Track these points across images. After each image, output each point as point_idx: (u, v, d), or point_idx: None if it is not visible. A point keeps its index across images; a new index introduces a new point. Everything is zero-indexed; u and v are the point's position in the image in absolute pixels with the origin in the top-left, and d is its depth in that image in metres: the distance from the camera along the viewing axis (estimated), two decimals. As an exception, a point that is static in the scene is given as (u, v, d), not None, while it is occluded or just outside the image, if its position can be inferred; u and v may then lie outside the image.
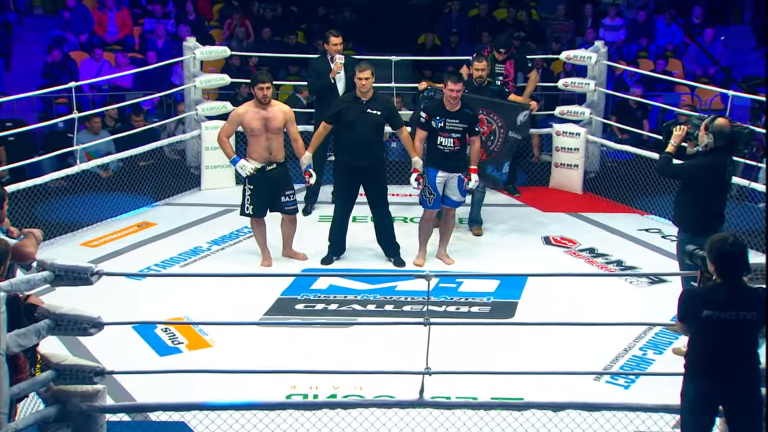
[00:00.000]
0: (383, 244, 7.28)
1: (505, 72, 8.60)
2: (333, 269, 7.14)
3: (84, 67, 11.59)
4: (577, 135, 9.29)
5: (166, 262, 7.24)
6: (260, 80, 6.83)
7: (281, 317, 6.26)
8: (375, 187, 7.09)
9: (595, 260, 7.42)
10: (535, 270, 7.10)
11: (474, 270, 7.11)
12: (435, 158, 6.95)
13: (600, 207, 8.88)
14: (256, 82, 6.85)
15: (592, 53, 9.27)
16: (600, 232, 8.16)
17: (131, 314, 5.77)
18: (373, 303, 6.49)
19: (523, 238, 7.94)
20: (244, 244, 7.65)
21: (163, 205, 8.81)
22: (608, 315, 6.19)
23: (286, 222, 7.18)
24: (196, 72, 9.32)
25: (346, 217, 7.23)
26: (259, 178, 6.93)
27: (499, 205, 8.91)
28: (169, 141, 9.32)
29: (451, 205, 7.11)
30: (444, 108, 6.85)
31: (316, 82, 8.22)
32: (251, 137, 6.92)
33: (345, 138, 7.03)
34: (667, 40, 12.64)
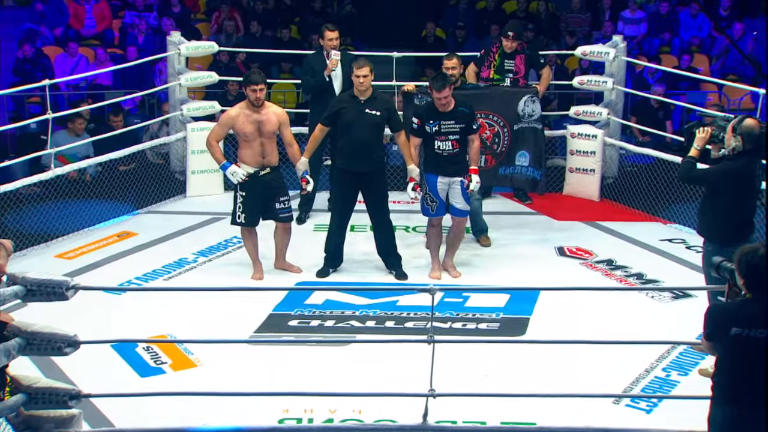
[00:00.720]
0: (384, 255, 7.27)
1: (515, 68, 8.61)
2: (329, 282, 7.14)
3: (59, 63, 11.60)
4: (594, 137, 9.29)
5: (148, 275, 7.23)
6: (253, 81, 6.83)
7: (273, 334, 6.25)
8: (374, 194, 7.09)
9: (614, 273, 7.41)
10: (548, 283, 7.10)
11: (482, 283, 7.10)
12: (434, 164, 6.96)
13: (618, 215, 8.88)
14: (249, 83, 6.84)
15: (609, 48, 9.28)
16: (619, 243, 8.15)
17: (110, 332, 5.76)
18: (372, 319, 6.48)
19: (535, 249, 7.93)
20: (234, 256, 7.64)
21: (145, 213, 8.81)
22: (628, 333, 6.17)
23: (280, 231, 7.17)
24: (181, 69, 9.33)
25: (344, 227, 7.22)
26: (252, 184, 6.93)
27: (509, 213, 8.91)
28: (152, 144, 9.32)
29: (457, 214, 7.10)
30: (436, 110, 6.85)
31: (310, 80, 8.23)
32: (243, 141, 6.92)
33: (342, 141, 7.03)
34: (692, 33, 12.64)
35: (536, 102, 7.96)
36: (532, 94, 7.99)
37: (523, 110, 7.89)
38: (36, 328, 4.37)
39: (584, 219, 8.75)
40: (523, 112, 7.91)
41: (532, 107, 7.95)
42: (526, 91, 8.04)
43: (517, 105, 7.85)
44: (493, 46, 8.77)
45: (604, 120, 9.36)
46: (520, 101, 7.86)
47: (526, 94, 7.97)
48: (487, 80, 8.56)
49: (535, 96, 8.00)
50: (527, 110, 7.93)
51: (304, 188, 7.09)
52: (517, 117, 7.91)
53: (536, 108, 7.97)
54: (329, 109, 7.10)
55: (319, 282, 7.15)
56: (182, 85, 9.31)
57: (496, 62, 8.63)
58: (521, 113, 7.92)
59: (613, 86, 9.27)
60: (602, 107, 9.39)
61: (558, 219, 8.76)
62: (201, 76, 9.54)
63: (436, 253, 7.21)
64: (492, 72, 8.58)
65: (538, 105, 7.97)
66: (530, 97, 7.96)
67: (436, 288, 4.61)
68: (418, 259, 7.48)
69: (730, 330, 4.06)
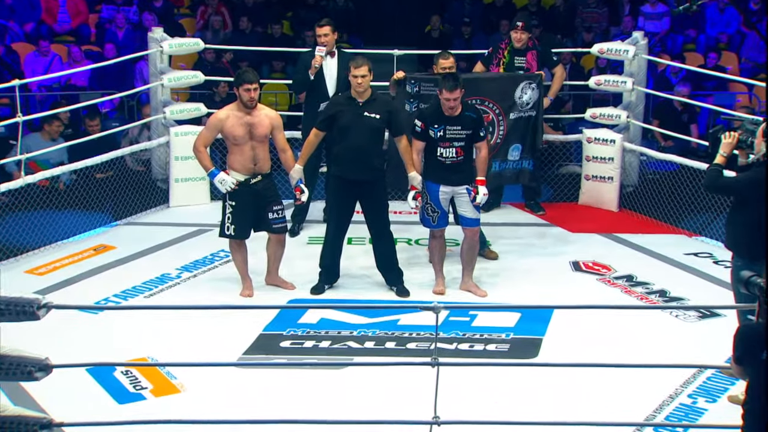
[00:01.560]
0: (384, 270, 7.28)
1: (526, 65, 8.64)
2: (325, 300, 7.14)
3: (29, 62, 11.64)
4: (612, 142, 9.31)
5: (127, 293, 7.24)
6: (247, 80, 6.84)
7: (263, 357, 6.25)
8: (374, 204, 7.10)
9: (634, 290, 7.42)
10: (563, 301, 7.10)
11: (490, 301, 7.11)
12: (436, 172, 6.97)
13: (639, 227, 8.89)
14: (242, 81, 6.84)
15: (629, 46, 9.30)
16: (639, 257, 8.16)
17: (85, 355, 5.74)
18: (371, 340, 6.48)
19: (548, 264, 7.94)
20: (221, 270, 7.65)
21: (124, 224, 8.82)
22: (650, 355, 6.17)
23: (273, 243, 7.18)
24: (163, 68, 9.35)
25: (340, 239, 7.23)
26: (242, 193, 6.94)
27: (520, 224, 8.92)
28: (132, 149, 9.33)
29: (469, 224, 7.11)
30: (442, 113, 6.87)
31: (298, 77, 8.26)
32: (233, 146, 6.93)
33: (339, 146, 7.05)
34: (720, 29, 12.69)
35: (535, 89, 7.98)
36: (531, 80, 8.00)
37: (520, 97, 7.92)
38: (3, 351, 4.37)
39: (601, 231, 8.77)
40: (520, 100, 7.94)
41: (530, 95, 7.98)
42: (525, 77, 8.06)
43: (514, 92, 7.89)
44: (502, 43, 8.80)
45: (623, 123, 9.37)
46: (518, 88, 7.89)
47: (524, 80, 7.98)
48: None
49: (534, 82, 8.02)
50: (524, 98, 7.96)
51: (298, 198, 7.10)
52: (514, 105, 7.94)
53: (534, 96, 8.00)
54: (324, 112, 7.11)
55: (313, 299, 7.15)
56: (165, 86, 9.33)
57: (505, 60, 8.66)
58: (518, 101, 7.95)
59: (633, 87, 9.29)
60: (621, 109, 9.40)
61: (573, 231, 8.77)
62: (185, 76, 9.56)
63: (440, 268, 7.22)
64: (501, 70, 8.61)
65: (536, 92, 7.99)
66: (528, 83, 7.97)
67: (441, 306, 4.61)
68: (420, 275, 7.49)
69: (761, 353, 4.06)
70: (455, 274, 7.36)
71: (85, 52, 11.95)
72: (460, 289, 7.24)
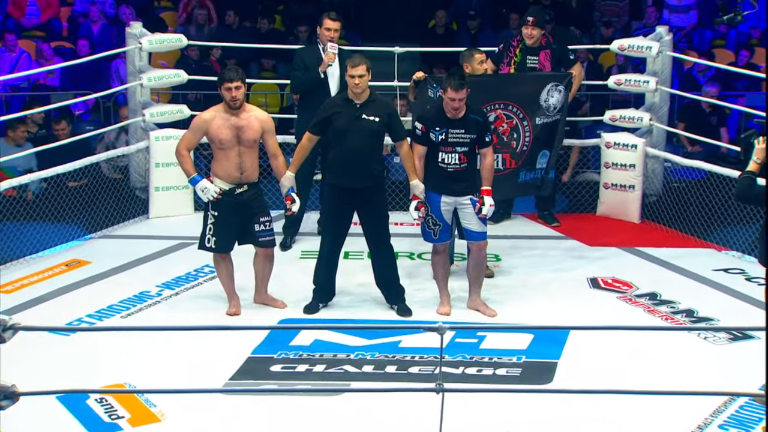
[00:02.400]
0: (383, 287, 7.29)
1: (538, 65, 8.66)
2: (319, 320, 7.14)
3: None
4: (634, 147, 9.32)
5: (102, 312, 7.24)
6: (227, 78, 6.87)
7: (252, 382, 6.24)
8: (373, 214, 7.11)
9: (658, 309, 7.42)
10: (580, 321, 7.11)
11: (500, 321, 7.11)
12: (436, 180, 6.97)
13: (663, 240, 8.90)
14: (223, 80, 6.88)
15: (652, 42, 9.33)
16: (664, 273, 8.16)
17: (56, 381, 5.75)
18: (370, 363, 6.48)
19: (563, 280, 7.95)
20: (205, 288, 7.65)
21: (99, 237, 8.83)
22: (676, 381, 6.17)
23: (260, 258, 7.19)
24: (142, 67, 9.38)
25: (336, 253, 7.24)
26: (226, 203, 6.95)
27: (533, 237, 8.93)
28: (108, 155, 9.35)
29: (474, 238, 7.11)
30: (444, 115, 6.88)
31: (300, 75, 8.27)
32: (218, 150, 6.95)
33: (335, 152, 7.06)
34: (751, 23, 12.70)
35: (562, 92, 7.90)
36: (558, 82, 7.93)
37: (547, 101, 7.87)
38: (-32, 376, 4.37)
39: (622, 244, 8.78)
40: (547, 104, 7.88)
41: (558, 97, 7.90)
42: (552, 78, 8.01)
43: (539, 94, 7.83)
44: (514, 40, 8.82)
45: (646, 127, 9.39)
46: (543, 90, 7.85)
47: (551, 81, 7.92)
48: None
49: (561, 84, 7.94)
50: (551, 101, 7.88)
51: (289, 208, 7.11)
52: (540, 109, 7.87)
53: (561, 98, 7.92)
54: (319, 114, 7.13)
55: (306, 319, 7.16)
56: (144, 86, 9.36)
57: (516, 58, 8.68)
58: (544, 104, 7.89)
59: (657, 87, 9.32)
60: (643, 111, 9.43)
61: (591, 244, 8.79)
62: (166, 75, 9.59)
63: (445, 285, 7.23)
64: (512, 70, 8.62)
65: (563, 94, 7.92)
66: (555, 85, 7.92)
67: (446, 326, 4.61)
68: (424, 292, 7.50)
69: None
70: (461, 293, 7.37)
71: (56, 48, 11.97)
72: (467, 308, 7.25)
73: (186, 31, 11.46)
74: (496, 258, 8.27)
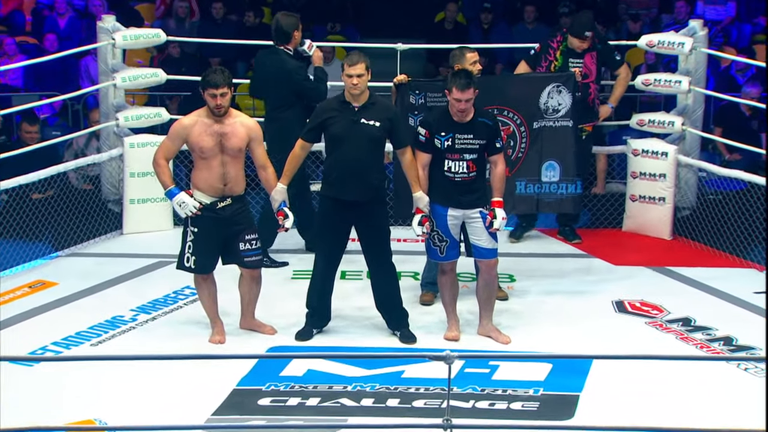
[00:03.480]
0: (384, 310, 7.30)
1: (584, 70, 8.66)
2: (312, 347, 7.15)
3: (-50, 57, 11.72)
4: (664, 155, 9.34)
5: (70, 340, 7.24)
6: (212, 83, 6.85)
7: (238, 418, 6.24)
8: (372, 230, 7.13)
9: (692, 336, 7.43)
10: (604, 349, 7.10)
11: (515, 349, 7.12)
12: (443, 191, 6.99)
13: (697, 259, 8.91)
14: (208, 85, 6.86)
15: (685, 38, 9.35)
16: (698, 296, 8.17)
17: (18, 416, 5.74)
18: (370, 396, 6.48)
19: (586, 303, 7.96)
20: (185, 312, 7.67)
21: (67, 255, 8.85)
22: (713, 417, 6.17)
23: (246, 279, 7.21)
24: (116, 65, 9.41)
25: (332, 273, 7.25)
26: (207, 218, 6.97)
27: (551, 255, 8.95)
28: (77, 164, 9.37)
29: (484, 255, 7.13)
30: (450, 119, 6.91)
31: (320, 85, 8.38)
32: (200, 160, 6.96)
33: (330, 160, 7.09)
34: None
35: (563, 92, 7.95)
36: (559, 83, 8.00)
37: (546, 103, 7.91)
38: None
39: (651, 263, 8.80)
40: (546, 106, 7.92)
41: (558, 99, 7.93)
42: (552, 79, 8.07)
43: (538, 97, 7.89)
44: (553, 41, 8.81)
45: (678, 132, 9.41)
46: (543, 92, 7.90)
47: (551, 83, 7.99)
48: None
49: (562, 84, 8.02)
50: (551, 103, 7.93)
51: (282, 225, 7.11)
52: (538, 112, 7.95)
53: (564, 100, 7.97)
54: (313, 119, 7.15)
55: (298, 347, 7.17)
56: (118, 87, 9.38)
57: (557, 62, 8.68)
58: (543, 107, 7.94)
59: (690, 87, 9.33)
60: (675, 115, 9.44)
61: (616, 263, 8.80)
62: (143, 74, 9.61)
63: (453, 308, 7.24)
64: None
65: (566, 96, 7.96)
66: (555, 86, 7.97)
67: (454, 354, 4.63)
68: (429, 316, 7.53)
69: None
70: (470, 317, 7.40)
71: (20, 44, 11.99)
72: (477, 335, 7.27)
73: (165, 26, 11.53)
74: (510, 279, 8.28)
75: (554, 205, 8.25)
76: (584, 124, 8.83)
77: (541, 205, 8.23)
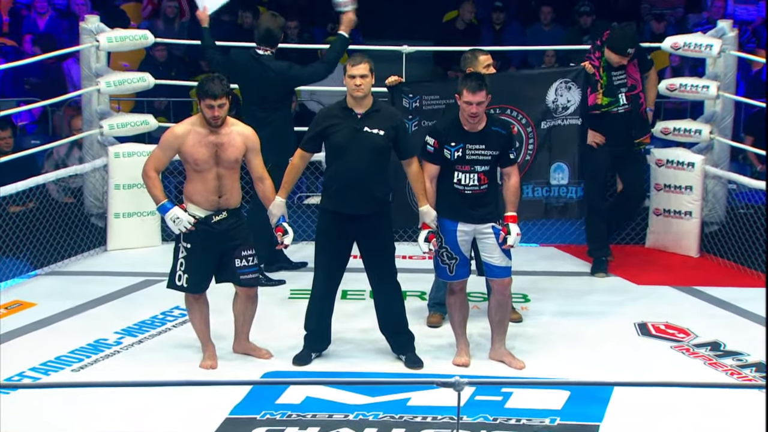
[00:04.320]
0: (389, 333, 7.31)
1: (629, 81, 8.66)
2: (311, 373, 7.15)
3: None
4: (691, 166, 9.35)
5: (50, 365, 7.24)
6: (210, 93, 6.83)
7: (230, 449, 6.27)
8: (376, 246, 7.14)
9: (722, 362, 7.42)
10: (626, 376, 7.10)
11: (529, 375, 7.13)
12: (452, 205, 7.00)
13: (727, 278, 8.91)
14: (205, 95, 6.85)
15: (713, 39, 9.36)
16: (728, 318, 8.17)
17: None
18: (373, 425, 6.49)
19: (606, 326, 7.96)
20: (174, 335, 7.67)
21: (46, 274, 8.86)
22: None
23: (241, 299, 7.21)
24: (100, 69, 9.42)
25: (332, 292, 7.26)
26: (201, 233, 6.97)
27: (568, 273, 8.96)
28: (58, 175, 9.38)
29: (497, 274, 7.13)
30: (461, 128, 6.93)
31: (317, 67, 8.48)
32: (194, 172, 6.96)
33: (331, 171, 7.10)
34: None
35: (572, 89, 7.94)
36: (567, 78, 8.00)
37: (555, 101, 7.90)
38: None
39: (677, 283, 8.82)
40: (555, 104, 7.91)
41: (567, 96, 7.92)
42: (559, 74, 8.07)
43: (545, 94, 7.88)
44: (592, 55, 8.77)
45: (706, 141, 9.42)
46: (550, 89, 7.89)
47: (559, 78, 7.98)
48: (595, 108, 8.59)
49: (571, 80, 8.01)
50: (561, 101, 7.92)
51: (281, 241, 7.11)
52: (546, 111, 7.96)
53: (573, 97, 7.96)
54: (313, 127, 7.16)
55: (296, 372, 7.17)
56: (102, 92, 9.40)
57: (603, 81, 8.63)
58: (552, 105, 7.95)
59: (719, 93, 9.34)
60: (702, 123, 9.45)
61: (639, 282, 8.82)
62: (129, 79, 9.62)
63: (463, 331, 7.24)
64: (600, 97, 8.62)
65: (575, 92, 7.96)
66: (563, 82, 7.97)
67: (464, 381, 4.64)
68: (437, 339, 7.54)
69: None
70: (481, 340, 7.41)
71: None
72: (489, 359, 7.27)
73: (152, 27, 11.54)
74: (525, 299, 8.29)
75: (560, 210, 8.25)
76: (641, 137, 8.82)
77: (548, 210, 8.24)
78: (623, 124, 8.70)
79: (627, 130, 8.75)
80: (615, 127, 8.68)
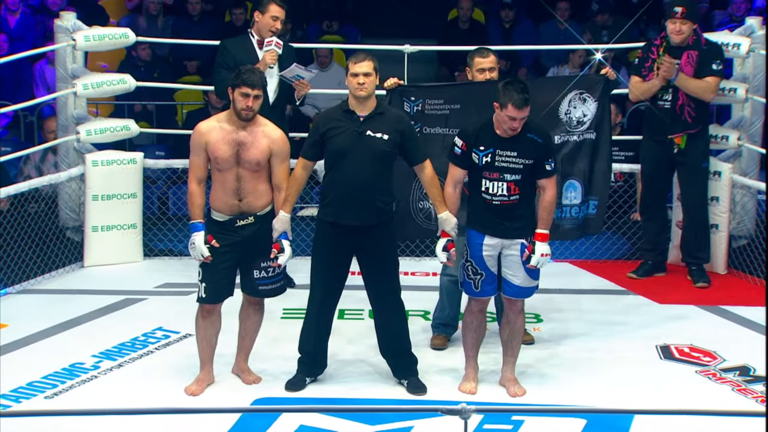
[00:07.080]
0: (390, 356, 7.30)
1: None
2: (306, 399, 7.14)
3: None
4: (717, 175, 9.35)
5: (21, 392, 7.23)
6: (248, 82, 6.83)
7: (217, 482, 6.26)
8: (377, 261, 7.14)
9: (751, 388, 7.41)
10: (647, 403, 7.10)
11: (542, 402, 7.12)
12: (479, 215, 6.98)
13: (756, 297, 8.89)
14: (242, 83, 6.84)
15: (741, 38, 9.37)
16: (758, 341, 8.14)
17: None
18: (373, 458, 6.50)
19: (626, 349, 7.95)
20: (157, 358, 7.66)
21: (17, 293, 8.87)
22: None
23: (243, 307, 7.21)
24: (76, 70, 9.43)
25: (329, 312, 7.25)
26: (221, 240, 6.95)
27: (585, 291, 8.95)
28: (30, 185, 9.37)
29: (513, 294, 7.10)
30: (493, 131, 6.91)
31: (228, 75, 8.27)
32: (216, 172, 6.95)
33: (329, 178, 7.08)
34: None
35: (588, 101, 7.84)
36: (584, 89, 7.87)
37: (569, 114, 7.84)
38: None
39: (702, 302, 8.82)
40: (568, 117, 7.85)
41: (583, 109, 7.84)
42: (575, 84, 7.90)
43: (558, 106, 7.82)
44: (657, 38, 8.78)
45: (733, 148, 9.42)
46: (564, 100, 7.83)
47: (574, 89, 7.82)
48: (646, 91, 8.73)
49: (587, 91, 7.88)
50: (575, 114, 7.82)
51: (275, 257, 7.05)
52: (559, 124, 7.85)
53: (589, 110, 7.85)
54: (312, 133, 7.14)
55: (289, 399, 7.15)
56: (79, 95, 9.41)
57: (659, 60, 8.70)
58: (565, 118, 7.88)
59: (747, 96, 9.35)
60: (729, 128, 9.46)
61: (661, 301, 8.82)
62: (108, 80, 9.62)
63: (474, 354, 7.22)
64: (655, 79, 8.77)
65: (591, 105, 7.84)
66: (578, 93, 7.87)
67: (471, 408, 4.63)
68: (443, 360, 7.54)
69: None
70: (491, 365, 7.39)
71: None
72: (498, 384, 7.25)
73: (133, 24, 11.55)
74: (537, 319, 8.29)
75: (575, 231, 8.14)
76: (674, 134, 8.83)
77: (564, 232, 8.11)
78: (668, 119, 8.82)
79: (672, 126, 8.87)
80: (660, 120, 8.83)
